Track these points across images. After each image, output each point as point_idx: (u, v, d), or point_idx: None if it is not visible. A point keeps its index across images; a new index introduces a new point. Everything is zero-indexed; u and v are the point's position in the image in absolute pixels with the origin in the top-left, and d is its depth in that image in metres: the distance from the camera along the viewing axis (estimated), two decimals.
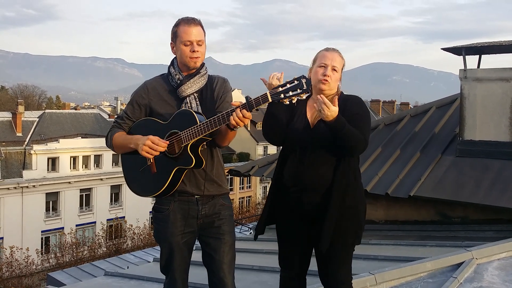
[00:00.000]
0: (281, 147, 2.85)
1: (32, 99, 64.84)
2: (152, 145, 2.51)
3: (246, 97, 2.39)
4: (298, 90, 2.30)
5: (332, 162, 2.62)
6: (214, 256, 2.69)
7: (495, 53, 7.74)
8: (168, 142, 2.55)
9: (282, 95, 2.30)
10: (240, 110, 2.37)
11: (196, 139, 2.51)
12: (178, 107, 2.67)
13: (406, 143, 7.65)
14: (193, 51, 2.62)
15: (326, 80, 2.65)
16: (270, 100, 2.33)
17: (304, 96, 2.34)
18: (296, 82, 2.31)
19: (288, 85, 2.31)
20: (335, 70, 2.68)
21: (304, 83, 2.30)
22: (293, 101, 2.33)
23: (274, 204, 2.81)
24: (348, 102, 2.69)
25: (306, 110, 2.76)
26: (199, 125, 2.48)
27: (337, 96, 2.71)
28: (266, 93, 2.35)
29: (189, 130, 2.51)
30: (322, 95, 2.51)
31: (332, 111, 2.44)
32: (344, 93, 2.82)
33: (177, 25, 2.67)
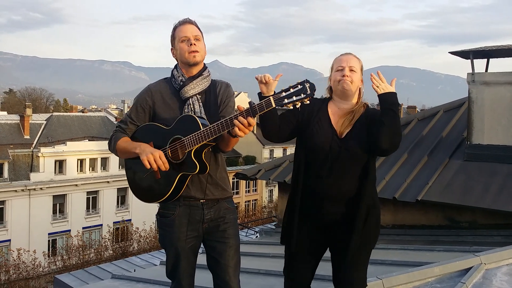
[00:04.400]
0: (291, 151, 2.82)
1: (40, 102, 65.28)
2: (157, 159, 2.49)
3: (250, 103, 2.36)
4: (302, 95, 2.28)
5: (357, 173, 2.59)
6: (219, 259, 2.69)
7: (503, 57, 7.70)
8: (168, 167, 2.53)
9: (285, 100, 2.29)
10: (245, 117, 2.35)
11: (199, 144, 2.50)
12: (180, 109, 2.66)
13: (414, 147, 7.62)
14: (191, 45, 2.63)
15: (347, 81, 2.59)
16: (274, 105, 2.31)
17: (307, 101, 2.30)
18: (299, 86, 2.29)
19: (292, 90, 2.29)
20: (353, 70, 2.63)
21: (307, 88, 2.27)
22: (297, 106, 2.31)
23: (295, 212, 2.73)
24: (377, 114, 2.61)
25: (329, 117, 2.68)
26: (203, 130, 2.46)
27: (362, 109, 2.65)
28: (269, 97, 2.32)
29: (192, 136, 2.49)
30: (376, 74, 2.52)
31: (387, 85, 2.51)
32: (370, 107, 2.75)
33: (174, 29, 2.71)
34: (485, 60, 7.68)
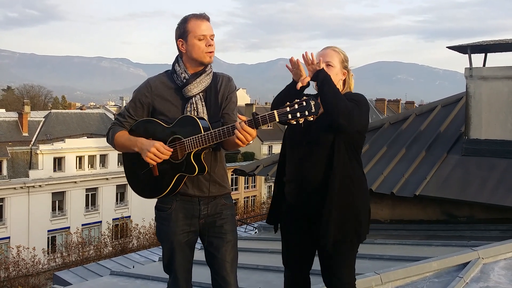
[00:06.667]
0: (282, 145, 2.88)
1: (38, 99, 65.13)
2: (157, 153, 2.49)
3: (253, 113, 2.36)
4: (306, 113, 2.27)
5: (325, 161, 2.61)
6: (216, 255, 2.70)
7: (501, 52, 7.70)
8: (172, 150, 2.54)
9: (289, 116, 2.28)
10: (244, 125, 2.34)
11: (199, 148, 2.50)
12: (182, 107, 2.64)
13: (412, 142, 7.63)
14: (209, 45, 2.60)
15: None
16: (277, 119, 2.30)
17: (311, 118, 2.30)
18: (304, 103, 2.28)
19: (297, 106, 2.28)
20: (329, 65, 2.70)
21: (312, 106, 2.27)
22: (300, 122, 2.30)
23: (278, 201, 2.84)
24: (349, 97, 2.69)
25: None
26: (203, 135, 2.46)
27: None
28: (274, 112, 2.31)
29: (193, 138, 2.49)
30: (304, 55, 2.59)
31: (315, 66, 2.55)
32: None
33: (186, 21, 2.61)
34: (483, 55, 7.68)
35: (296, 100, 2.31)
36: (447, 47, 7.66)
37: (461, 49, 7.53)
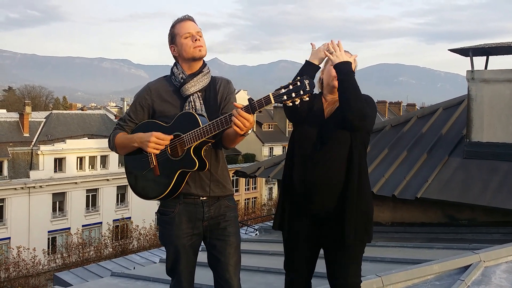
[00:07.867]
0: (288, 146, 2.85)
1: (39, 100, 65.17)
2: (157, 140, 2.52)
3: (249, 99, 2.36)
4: (301, 92, 2.27)
5: (344, 160, 2.60)
6: (219, 258, 2.68)
7: (503, 54, 7.69)
8: (172, 136, 2.55)
9: (285, 97, 2.28)
10: (241, 112, 2.34)
11: (199, 141, 2.50)
12: (181, 107, 2.66)
13: (413, 145, 7.62)
14: (195, 40, 2.62)
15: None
16: (273, 102, 2.30)
17: (307, 98, 2.31)
18: (299, 83, 2.29)
19: (291, 87, 2.29)
20: None
21: (307, 84, 2.27)
22: (296, 103, 2.30)
23: (285, 203, 2.79)
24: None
25: (322, 104, 2.76)
26: (202, 127, 2.47)
27: None
28: (269, 94, 2.32)
29: (191, 132, 2.50)
30: (331, 43, 2.62)
31: (342, 55, 2.58)
32: None
33: (172, 26, 2.70)
34: (485, 57, 7.67)
35: (289, 82, 2.32)
36: (449, 49, 7.66)
37: (463, 51, 7.53)
